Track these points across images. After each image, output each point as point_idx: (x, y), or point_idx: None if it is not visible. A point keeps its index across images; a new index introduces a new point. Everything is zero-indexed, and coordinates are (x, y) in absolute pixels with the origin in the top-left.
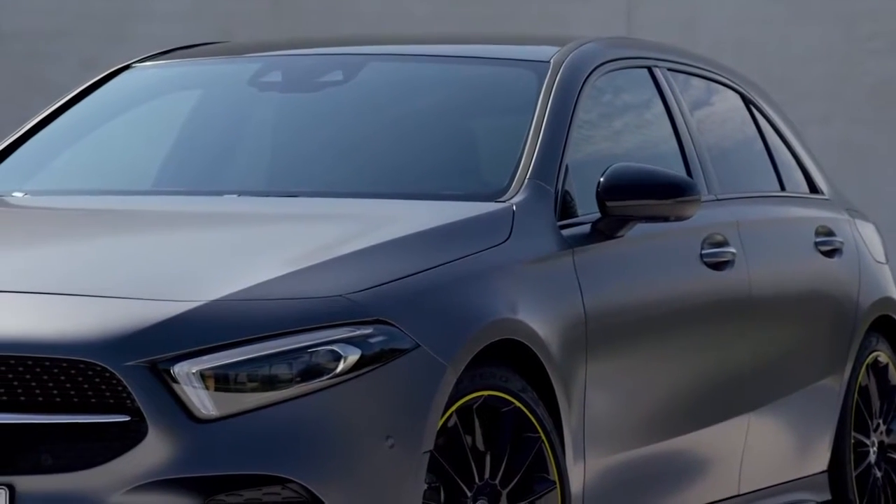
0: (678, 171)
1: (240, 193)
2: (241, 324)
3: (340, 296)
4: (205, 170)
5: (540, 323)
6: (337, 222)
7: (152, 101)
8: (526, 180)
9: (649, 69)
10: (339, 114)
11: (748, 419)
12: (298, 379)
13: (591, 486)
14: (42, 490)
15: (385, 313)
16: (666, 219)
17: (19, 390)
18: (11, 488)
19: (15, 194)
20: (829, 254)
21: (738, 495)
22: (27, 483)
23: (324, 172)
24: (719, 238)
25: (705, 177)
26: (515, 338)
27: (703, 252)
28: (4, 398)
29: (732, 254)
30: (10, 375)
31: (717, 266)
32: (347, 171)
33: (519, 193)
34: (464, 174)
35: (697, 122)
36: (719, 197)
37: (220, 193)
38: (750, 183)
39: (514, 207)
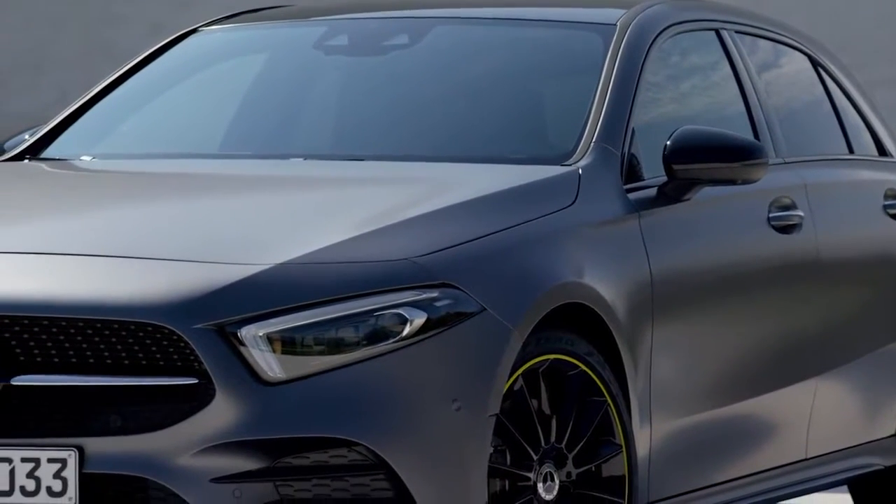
0: (745, 133)
1: (306, 157)
2: (307, 287)
3: (406, 259)
4: (271, 133)
5: (606, 286)
6: (403, 186)
7: (219, 64)
8: (592, 144)
9: (716, 31)
10: (405, 77)
11: (815, 383)
12: (364, 342)
13: (657, 449)
14: (110, 452)
15: (451, 277)
16: (733, 182)
17: (88, 353)
18: (81, 450)
19: (83, 158)
20: None
21: (805, 459)
22: (96, 445)
23: (389, 136)
24: (787, 201)
25: (772, 139)
26: (581, 301)
27: (771, 215)
28: (74, 361)
29: (800, 217)
30: (80, 338)
31: (785, 229)
32: (413, 135)
33: (585, 157)
34: (530, 138)
35: (765, 84)
36: (787, 160)
37: (286, 157)
38: (818, 145)
39: (581, 171)
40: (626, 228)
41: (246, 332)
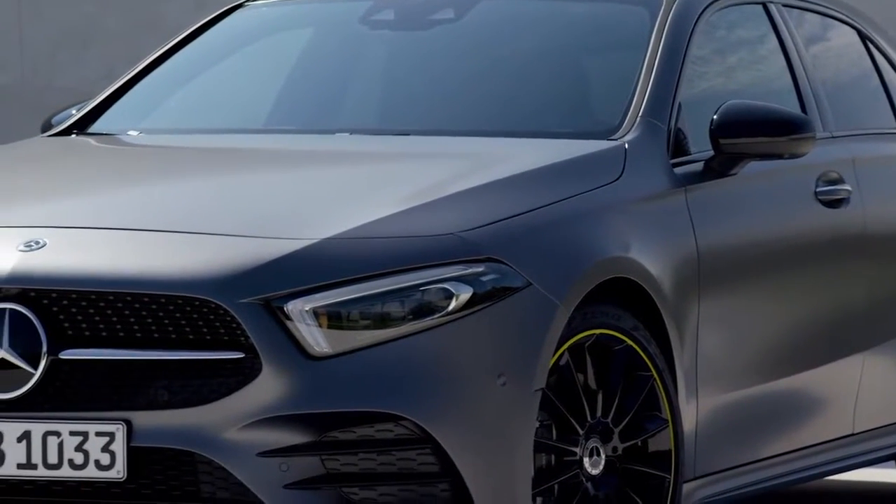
0: (792, 107)
1: (351, 132)
2: (353, 262)
3: (452, 234)
4: (317, 108)
5: (652, 261)
6: (448, 160)
7: (264, 39)
8: (638, 118)
9: (763, 4)
10: (451, 52)
11: (862, 358)
12: (411, 317)
13: (704, 424)
14: (158, 425)
15: (497, 251)
16: (780, 156)
17: (136, 327)
18: (129, 424)
19: (130, 133)
20: None
21: (853, 434)
22: (144, 418)
23: (435, 111)
24: (834, 175)
25: (820, 113)
26: (627, 276)
27: (818, 190)
28: (121, 335)
29: (847, 191)
30: (127, 312)
31: (832, 204)
32: (459, 110)
33: (631, 131)
34: (576, 112)
35: (812, 58)
36: (834, 134)
37: (331, 132)
38: (866, 119)
39: (627, 145)
40: (672, 203)
41: (292, 307)
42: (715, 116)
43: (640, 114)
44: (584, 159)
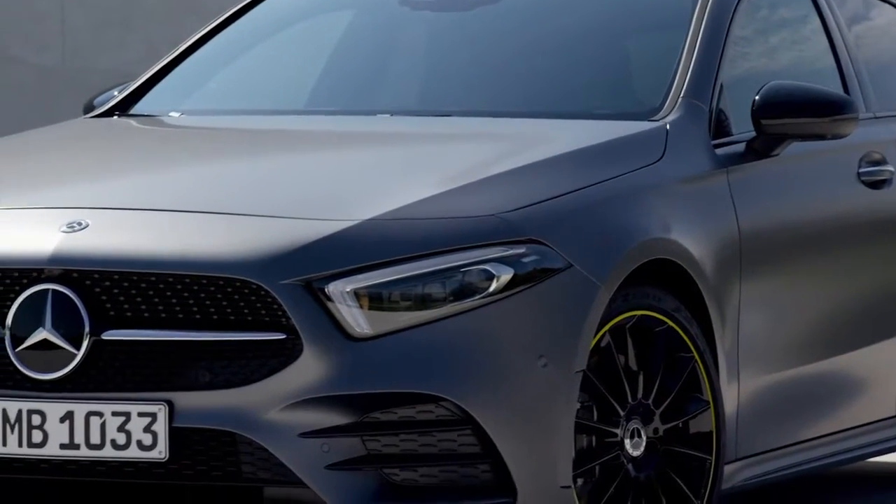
0: (835, 88)
1: (392, 113)
2: (394, 243)
3: (493, 215)
4: (357, 89)
5: (693, 242)
6: (490, 142)
7: (305, 21)
8: (680, 99)
9: None
10: (492, 33)
11: None
12: (451, 298)
13: (745, 406)
14: (199, 406)
15: (538, 232)
16: (822, 137)
17: (177, 308)
18: (170, 404)
19: (171, 114)
20: None
21: (895, 416)
22: (185, 399)
23: (476, 92)
24: (877, 156)
25: (863, 94)
26: (669, 257)
27: (861, 171)
28: (163, 316)
29: (890, 172)
30: (169, 293)
31: (875, 185)
32: (500, 91)
33: (673, 112)
34: (617, 93)
35: (855, 37)
36: (877, 114)
37: (372, 113)
38: None
39: (668, 126)
40: (713, 184)
41: (333, 288)
42: (757, 97)
43: (681, 94)
44: (625, 140)
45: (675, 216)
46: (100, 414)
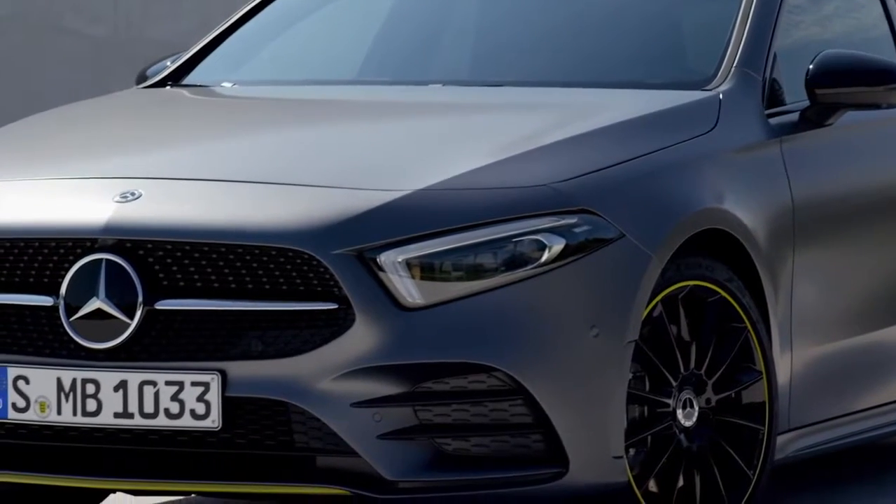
0: (890, 57)
1: (444, 83)
2: (446, 213)
3: (545, 185)
4: (409, 59)
5: (746, 212)
6: (541, 111)
7: None
8: (733, 68)
9: None
10: (545, 2)
11: None
12: (503, 268)
13: (798, 376)
14: (252, 376)
15: (590, 203)
16: (877, 106)
17: (230, 278)
18: (223, 374)
19: (224, 84)
20: None
21: None
22: (238, 368)
23: (528, 61)
24: None
25: None
26: (721, 227)
27: None
28: (216, 286)
29: None
30: (222, 263)
31: None
32: (552, 60)
33: (726, 82)
34: (670, 62)
35: None
36: None
37: (424, 83)
38: None
39: (721, 96)
40: (767, 154)
41: (385, 258)
42: (811, 66)
43: (734, 64)
44: (678, 110)
45: (727, 186)
46: (153, 383)
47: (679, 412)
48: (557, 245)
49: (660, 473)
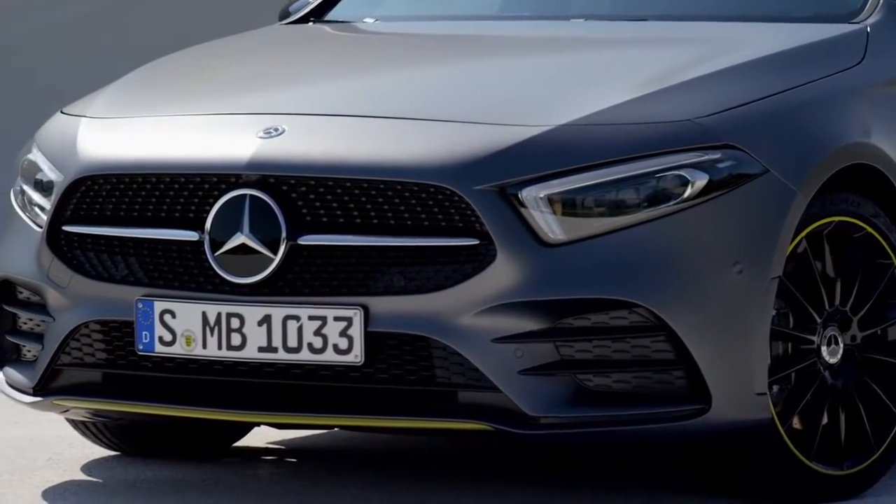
0: None
1: (586, 17)
2: (588, 149)
3: (689, 120)
4: None
5: (894, 147)
6: (684, 46)
7: None
8: (881, 1)
9: None
10: None
11: None
12: (645, 204)
13: None
14: (394, 311)
15: (734, 138)
16: None
17: (372, 214)
18: (366, 309)
19: (366, 20)
20: None
21: None
22: (380, 304)
23: None
24: None
25: None
26: (868, 162)
27: None
28: (358, 221)
29: None
30: (364, 199)
31: None
32: None
33: (874, 14)
34: None
35: None
36: None
37: (566, 18)
38: None
39: (869, 28)
40: None
41: (527, 194)
42: None
43: None
44: (824, 43)
45: (875, 121)
46: (296, 318)
47: (823, 349)
48: (701, 181)
49: (803, 411)
